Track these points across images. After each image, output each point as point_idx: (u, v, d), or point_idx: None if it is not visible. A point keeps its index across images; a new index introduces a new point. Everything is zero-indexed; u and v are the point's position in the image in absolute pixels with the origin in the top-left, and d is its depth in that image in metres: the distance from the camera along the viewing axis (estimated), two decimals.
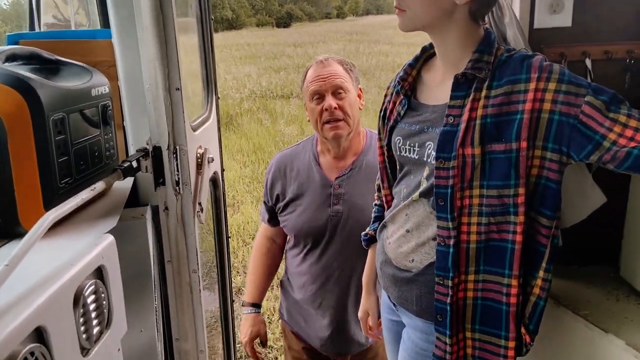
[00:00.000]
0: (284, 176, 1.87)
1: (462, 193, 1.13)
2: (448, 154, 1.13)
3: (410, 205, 1.25)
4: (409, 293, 1.27)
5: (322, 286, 1.84)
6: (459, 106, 1.14)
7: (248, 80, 13.99)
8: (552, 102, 1.04)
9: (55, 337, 0.75)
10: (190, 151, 1.15)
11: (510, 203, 1.10)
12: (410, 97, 1.30)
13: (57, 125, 0.95)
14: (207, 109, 1.41)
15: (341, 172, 1.80)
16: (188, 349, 1.20)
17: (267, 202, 1.95)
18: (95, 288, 0.87)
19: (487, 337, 1.20)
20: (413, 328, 1.32)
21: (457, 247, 1.14)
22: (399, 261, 1.29)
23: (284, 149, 1.99)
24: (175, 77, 1.07)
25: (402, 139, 1.28)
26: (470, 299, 1.18)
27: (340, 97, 1.72)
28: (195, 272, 1.18)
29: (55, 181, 0.94)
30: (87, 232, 0.97)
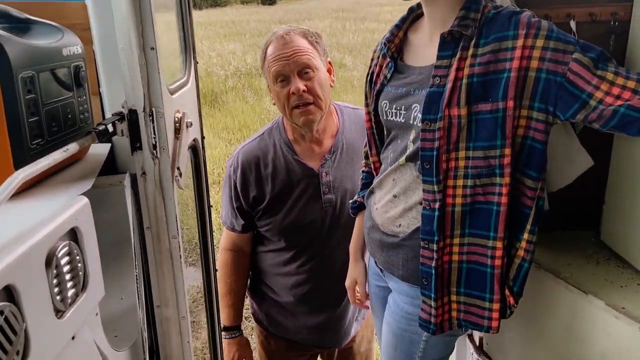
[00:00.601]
0: (257, 176, 1.66)
1: (447, 155, 1.12)
2: (434, 116, 1.11)
3: (397, 170, 1.24)
4: (396, 258, 1.27)
5: (317, 283, 1.73)
6: (445, 66, 1.12)
7: (233, 57, 13.79)
8: (540, 60, 1.03)
9: (27, 297, 0.73)
10: (168, 115, 1.12)
11: (496, 164, 1.09)
12: (396, 59, 1.28)
13: (27, 83, 0.91)
14: (185, 74, 1.37)
15: (324, 159, 1.66)
16: (169, 316, 1.19)
17: (240, 207, 1.72)
18: (69, 250, 0.85)
19: (471, 299, 1.20)
20: (399, 292, 1.33)
21: (442, 210, 1.14)
22: (386, 226, 1.29)
23: (245, 143, 1.75)
24: (150, 35, 1.04)
25: (388, 103, 1.26)
26: (455, 262, 1.18)
27: (309, 77, 1.53)
28: (175, 238, 1.16)
29: (25, 141, 0.91)
30: (61, 194, 0.95)
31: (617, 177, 1.35)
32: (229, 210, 1.75)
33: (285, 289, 1.76)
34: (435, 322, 1.20)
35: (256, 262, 1.84)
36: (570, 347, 1.27)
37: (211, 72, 11.89)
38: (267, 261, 1.79)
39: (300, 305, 1.76)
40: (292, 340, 1.85)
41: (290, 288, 1.75)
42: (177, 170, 1.14)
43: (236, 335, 1.83)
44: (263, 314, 1.87)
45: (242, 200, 1.70)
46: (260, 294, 1.86)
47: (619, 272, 1.30)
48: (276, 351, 1.90)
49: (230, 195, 1.72)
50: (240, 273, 1.82)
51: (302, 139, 1.67)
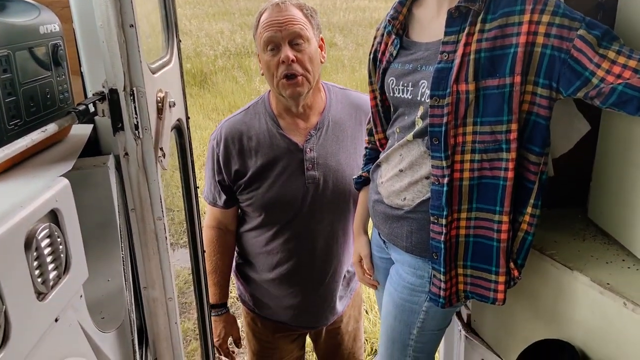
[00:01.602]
0: (240, 149, 1.64)
1: (455, 130, 1.13)
2: (443, 92, 1.12)
3: (404, 146, 1.25)
4: (400, 230, 1.29)
5: (300, 261, 1.71)
6: (453, 42, 1.12)
7: (222, 37, 13.61)
8: (545, 36, 1.03)
9: (5, 279, 0.72)
10: (150, 94, 1.10)
11: (502, 139, 1.10)
12: (402, 36, 1.27)
13: (2, 62, 0.89)
14: (167, 52, 1.34)
15: (309, 134, 1.63)
16: (156, 297, 1.18)
17: (222, 181, 1.70)
18: (50, 232, 0.84)
19: (478, 272, 1.23)
20: (401, 263, 1.35)
21: (450, 185, 1.15)
22: (391, 199, 1.31)
23: (230, 116, 1.72)
24: (129, 12, 1.01)
25: (395, 80, 1.26)
26: (462, 236, 1.20)
27: (299, 49, 1.51)
28: (160, 219, 1.15)
29: (2, 122, 0.89)
30: (40, 176, 0.93)
31: (604, 154, 1.35)
32: (212, 184, 1.73)
33: (268, 268, 1.75)
34: (444, 295, 1.23)
35: (240, 243, 1.83)
36: (557, 323, 1.29)
37: (200, 52, 11.73)
38: (250, 240, 1.78)
39: (284, 284, 1.76)
40: (278, 321, 1.85)
41: (273, 267, 1.74)
42: (161, 150, 1.12)
43: (222, 313, 1.84)
44: (249, 295, 1.87)
45: (224, 174, 1.67)
46: (245, 275, 1.86)
47: (604, 248, 1.31)
48: (263, 332, 1.90)
49: (213, 170, 1.70)
50: (225, 251, 1.81)
51: (287, 113, 1.64)
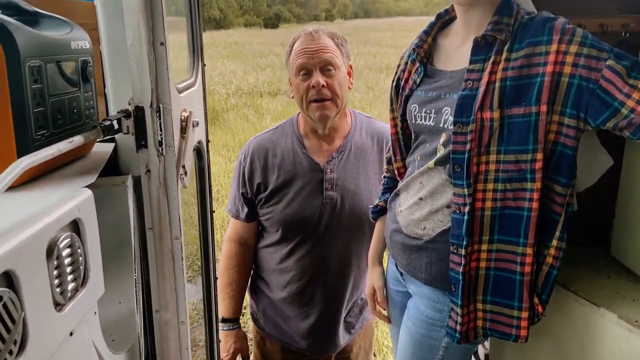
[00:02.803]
0: (264, 164, 1.70)
1: (478, 158, 1.11)
2: (466, 119, 1.11)
3: (425, 173, 1.24)
4: (419, 261, 1.26)
5: (312, 281, 1.71)
6: (478, 70, 1.12)
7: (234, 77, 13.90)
8: (573, 66, 1.03)
9: (26, 285, 0.70)
10: (175, 112, 1.10)
11: (527, 169, 1.09)
12: (426, 64, 1.28)
13: (34, 73, 0.90)
14: (192, 74, 1.36)
15: (331, 156, 1.68)
16: (168, 320, 1.15)
17: (245, 194, 1.74)
18: (71, 242, 0.82)
19: (499, 308, 1.18)
20: (420, 296, 1.30)
21: (471, 214, 1.13)
22: (410, 229, 1.28)
23: (259, 134, 1.80)
24: (160, 30, 1.02)
25: (417, 107, 1.26)
26: (483, 269, 1.16)
27: (330, 75, 1.59)
28: (178, 239, 1.13)
29: (30, 131, 0.89)
30: (64, 187, 0.92)
31: (628, 190, 1.33)
32: (236, 197, 1.78)
33: (280, 286, 1.75)
34: (460, 330, 1.18)
35: (257, 259, 1.85)
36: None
37: (213, 90, 11.96)
38: (266, 256, 1.79)
39: (294, 304, 1.75)
40: (286, 343, 1.83)
41: (285, 285, 1.74)
42: (183, 168, 1.12)
43: (234, 328, 1.82)
44: (260, 313, 1.85)
45: (248, 187, 1.73)
46: (258, 292, 1.85)
47: (630, 286, 1.27)
48: (271, 353, 1.87)
49: (238, 182, 1.76)
50: (243, 266, 1.82)
51: (313, 134, 1.70)
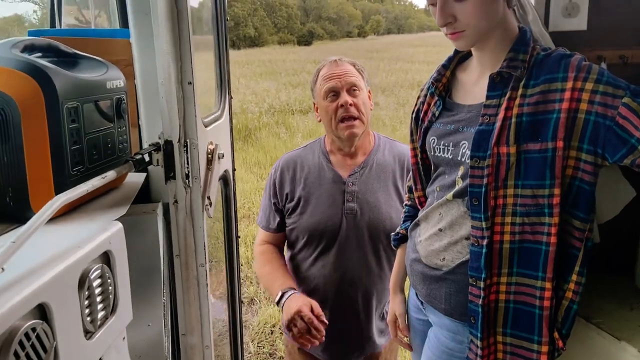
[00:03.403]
0: (292, 176, 1.85)
1: (496, 192, 1.13)
2: (483, 153, 1.13)
3: (444, 205, 1.26)
4: (438, 291, 1.27)
5: (335, 289, 1.80)
6: (494, 105, 1.14)
7: (267, 95, 14.13)
8: (589, 103, 1.04)
9: (59, 316, 0.75)
10: (201, 146, 1.16)
11: (545, 204, 1.09)
12: (444, 97, 1.31)
13: (71, 113, 0.97)
14: (219, 108, 1.42)
15: (353, 170, 1.80)
16: (194, 344, 1.20)
17: (276, 204, 1.87)
18: (102, 272, 0.88)
19: (518, 341, 1.18)
20: (440, 327, 1.31)
21: (490, 247, 1.14)
22: (429, 259, 1.29)
23: (290, 152, 1.97)
24: (188, 71, 1.09)
25: (436, 139, 1.29)
26: (502, 301, 1.17)
27: (355, 95, 1.74)
28: (203, 266, 1.18)
29: (67, 168, 0.96)
30: (97, 219, 0.99)
31: None
32: (267, 208, 1.91)
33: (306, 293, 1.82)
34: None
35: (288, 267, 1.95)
36: None
37: (246, 108, 12.19)
38: (292, 268, 1.90)
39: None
40: (315, 354, 1.90)
41: (311, 293, 1.81)
42: (208, 199, 1.17)
43: (292, 293, 1.75)
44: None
45: (278, 196, 1.86)
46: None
47: None
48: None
49: (269, 194, 1.90)
50: (279, 256, 1.90)
51: (338, 151, 1.84)
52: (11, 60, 0.92)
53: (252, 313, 3.92)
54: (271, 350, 3.47)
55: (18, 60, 0.92)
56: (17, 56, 0.94)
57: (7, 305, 0.67)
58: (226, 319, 1.88)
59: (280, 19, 58.97)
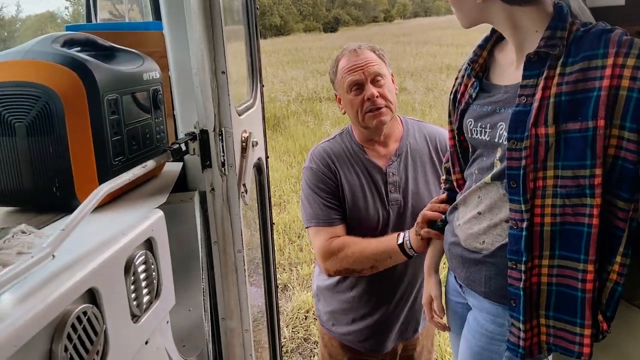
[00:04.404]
0: (334, 169, 1.77)
1: (535, 174, 1.11)
2: (520, 135, 1.11)
3: (482, 188, 1.24)
4: (478, 274, 1.26)
5: (379, 280, 1.77)
6: (531, 85, 1.12)
7: (295, 83, 14.14)
8: (631, 79, 1.00)
9: (107, 300, 0.79)
10: (235, 134, 1.18)
11: (586, 184, 1.07)
12: (481, 78, 1.29)
13: (111, 105, 1.00)
14: (251, 96, 1.44)
15: (390, 160, 1.77)
16: (234, 327, 1.23)
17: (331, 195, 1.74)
18: (145, 259, 0.91)
19: (561, 324, 1.16)
20: (479, 310, 1.31)
21: (529, 230, 1.12)
22: (468, 243, 1.28)
23: (319, 144, 1.85)
24: (221, 60, 1.11)
25: (473, 121, 1.27)
26: (544, 284, 1.15)
27: (380, 84, 1.68)
28: (240, 252, 1.21)
29: (109, 158, 0.99)
30: (139, 207, 1.02)
31: None
32: (320, 204, 1.73)
33: (348, 286, 1.81)
34: (524, 345, 1.17)
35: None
36: None
37: (274, 97, 12.23)
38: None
39: (362, 303, 1.80)
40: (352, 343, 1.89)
41: (353, 285, 1.80)
42: (244, 186, 1.19)
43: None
44: (328, 313, 1.91)
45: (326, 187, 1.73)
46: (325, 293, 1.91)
47: None
48: (338, 353, 1.95)
49: (315, 191, 1.74)
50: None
51: (369, 143, 1.77)
52: (53, 54, 0.95)
53: (286, 299, 3.97)
54: (305, 335, 3.52)
55: (59, 54, 0.95)
56: (58, 51, 0.97)
57: (60, 290, 0.70)
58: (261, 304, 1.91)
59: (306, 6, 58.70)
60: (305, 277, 4.26)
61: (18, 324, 0.61)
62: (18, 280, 0.68)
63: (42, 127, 0.93)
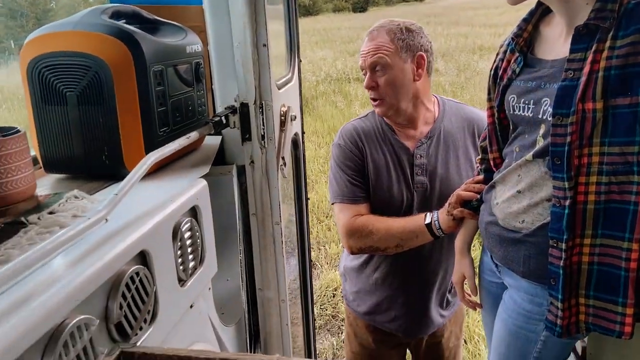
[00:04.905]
0: (362, 147, 1.75)
1: (580, 151, 1.09)
2: (567, 110, 1.09)
3: (523, 166, 1.23)
4: (516, 254, 1.25)
5: (404, 262, 1.75)
6: (579, 59, 1.09)
7: (324, 63, 14.06)
8: None
9: (157, 263, 0.82)
10: (275, 108, 1.19)
11: (634, 161, 1.05)
12: (526, 53, 1.26)
13: (157, 76, 1.02)
14: (290, 71, 1.45)
15: (420, 142, 1.72)
16: (271, 298, 1.26)
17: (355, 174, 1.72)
18: (191, 226, 0.94)
19: (602, 303, 1.15)
20: (517, 289, 1.30)
21: (572, 208, 1.11)
22: (507, 222, 1.27)
23: (350, 121, 1.82)
24: (263, 33, 1.11)
25: (516, 97, 1.25)
26: (585, 263, 1.14)
27: (376, 77, 1.62)
28: (278, 224, 1.23)
29: (155, 129, 1.02)
30: (183, 177, 1.04)
31: None
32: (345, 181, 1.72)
33: (373, 267, 1.79)
34: (562, 324, 1.16)
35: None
36: None
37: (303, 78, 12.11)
38: None
39: (386, 285, 1.78)
40: (378, 324, 1.87)
41: (378, 266, 1.78)
42: (282, 159, 1.21)
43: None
44: (353, 294, 1.91)
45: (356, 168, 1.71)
46: (351, 274, 1.89)
47: None
48: (363, 334, 1.93)
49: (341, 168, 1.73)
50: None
51: (398, 125, 1.74)
52: (102, 26, 0.98)
53: (314, 277, 4.02)
54: (333, 312, 3.56)
55: (108, 25, 0.98)
56: (107, 22, 0.99)
57: (115, 250, 0.73)
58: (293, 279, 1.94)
59: None
60: (333, 256, 4.29)
61: (79, 280, 0.64)
62: (75, 241, 0.72)
63: (92, 96, 0.96)
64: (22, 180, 0.82)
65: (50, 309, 0.60)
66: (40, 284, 0.63)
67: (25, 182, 0.83)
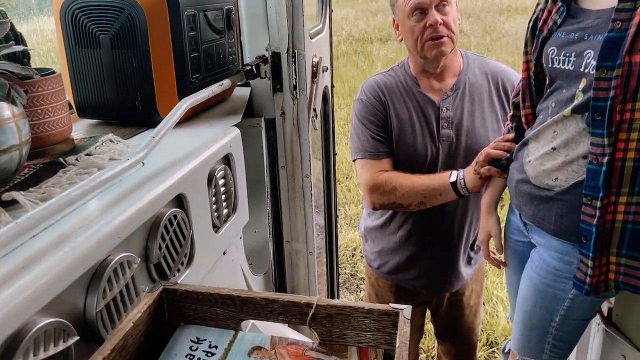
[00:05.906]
0: (385, 102, 1.70)
1: (622, 106, 1.05)
2: (612, 63, 1.04)
3: (559, 122, 1.19)
4: (548, 212, 1.23)
5: (429, 219, 1.72)
6: (629, 9, 1.04)
7: (345, 23, 13.76)
8: None
9: (194, 207, 0.82)
10: (307, 57, 1.16)
11: None
12: (569, 3, 1.21)
13: (190, 21, 1.00)
14: (321, 21, 1.41)
15: (445, 94, 1.67)
16: (299, 250, 1.26)
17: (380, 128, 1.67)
18: (225, 173, 0.94)
19: (634, 262, 1.14)
20: (546, 247, 1.29)
21: (610, 165, 1.08)
22: (539, 179, 1.24)
23: (373, 76, 1.77)
24: None
25: (556, 49, 1.20)
26: (619, 222, 1.12)
27: (445, 12, 1.56)
28: (308, 177, 1.22)
29: (188, 75, 1.00)
30: (215, 125, 1.03)
31: None
32: (368, 137, 1.68)
33: (396, 225, 1.77)
34: (590, 282, 1.15)
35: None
36: None
37: None
38: None
39: (411, 242, 1.77)
40: (402, 282, 1.88)
41: (402, 224, 1.75)
42: (314, 111, 1.19)
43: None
44: (375, 254, 1.91)
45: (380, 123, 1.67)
46: (373, 233, 1.88)
47: None
48: (385, 293, 1.94)
49: (363, 122, 1.69)
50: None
51: (424, 76, 1.68)
52: None
53: None
54: (352, 271, 3.60)
55: None
56: None
57: (155, 192, 0.73)
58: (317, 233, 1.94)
59: None
60: (353, 217, 4.31)
61: (120, 219, 0.65)
62: (114, 182, 0.72)
63: (125, 40, 0.94)
64: (59, 121, 0.82)
65: (94, 245, 0.60)
66: (82, 221, 0.63)
67: (62, 124, 0.83)
